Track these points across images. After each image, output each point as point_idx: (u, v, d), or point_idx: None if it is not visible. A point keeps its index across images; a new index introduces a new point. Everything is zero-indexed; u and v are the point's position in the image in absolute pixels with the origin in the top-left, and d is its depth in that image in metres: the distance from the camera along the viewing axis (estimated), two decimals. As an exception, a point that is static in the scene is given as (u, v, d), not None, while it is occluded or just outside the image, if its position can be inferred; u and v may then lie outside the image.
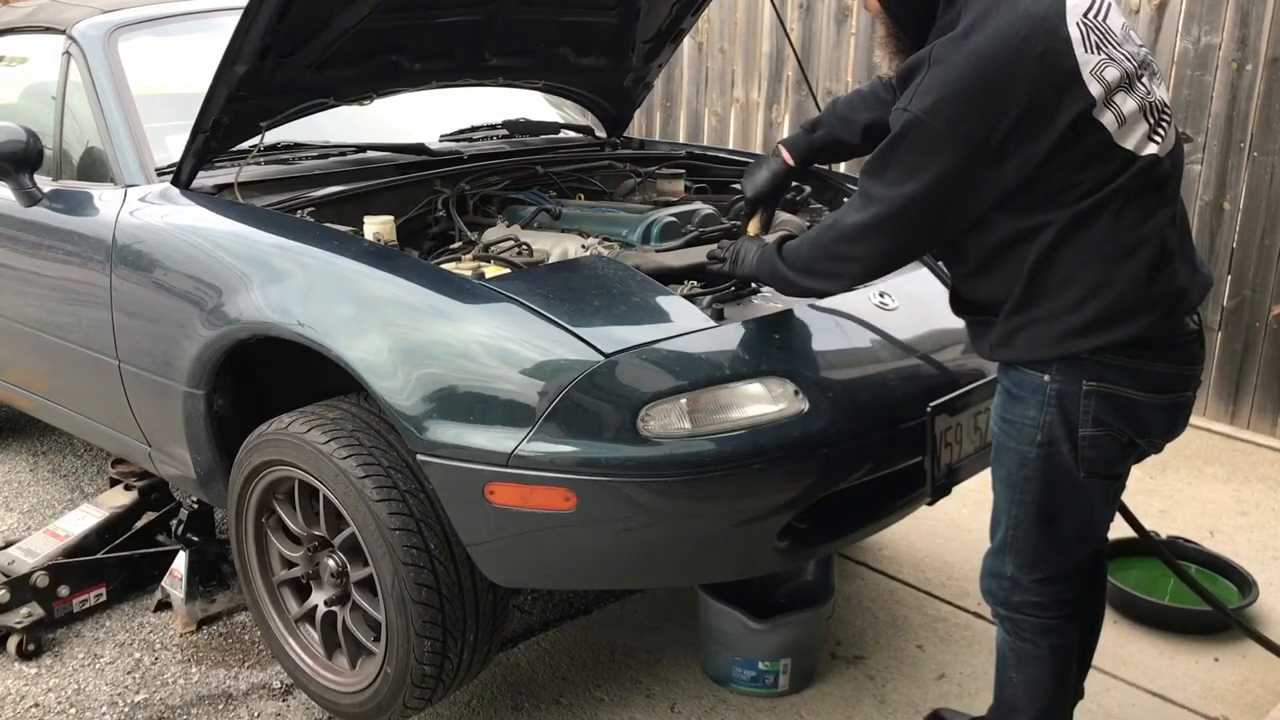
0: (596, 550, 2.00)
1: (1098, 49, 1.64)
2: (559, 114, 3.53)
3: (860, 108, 2.20)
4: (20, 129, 2.74)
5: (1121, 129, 1.64)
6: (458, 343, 1.98)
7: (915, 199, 1.68)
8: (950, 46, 1.64)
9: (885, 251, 1.81)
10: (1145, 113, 1.67)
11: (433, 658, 2.09)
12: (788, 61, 5.02)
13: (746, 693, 2.46)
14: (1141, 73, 1.68)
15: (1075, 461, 1.76)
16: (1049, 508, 1.82)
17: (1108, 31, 1.67)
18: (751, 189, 2.29)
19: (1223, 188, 3.91)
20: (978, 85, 1.61)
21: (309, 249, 2.23)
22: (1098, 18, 1.67)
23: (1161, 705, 2.45)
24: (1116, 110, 1.64)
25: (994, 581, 1.94)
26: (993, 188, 1.66)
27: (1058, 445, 1.76)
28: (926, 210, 1.70)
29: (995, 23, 1.62)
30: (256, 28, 2.25)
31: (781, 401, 1.96)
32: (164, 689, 2.53)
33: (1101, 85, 1.62)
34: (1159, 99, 1.71)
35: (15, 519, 3.37)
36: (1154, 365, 1.73)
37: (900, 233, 1.75)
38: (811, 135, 2.26)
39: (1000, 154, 1.63)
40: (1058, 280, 1.69)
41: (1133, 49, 1.70)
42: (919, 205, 1.69)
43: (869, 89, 2.22)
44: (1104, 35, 1.66)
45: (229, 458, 2.39)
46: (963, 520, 3.24)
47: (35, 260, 2.88)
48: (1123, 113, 1.64)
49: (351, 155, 2.88)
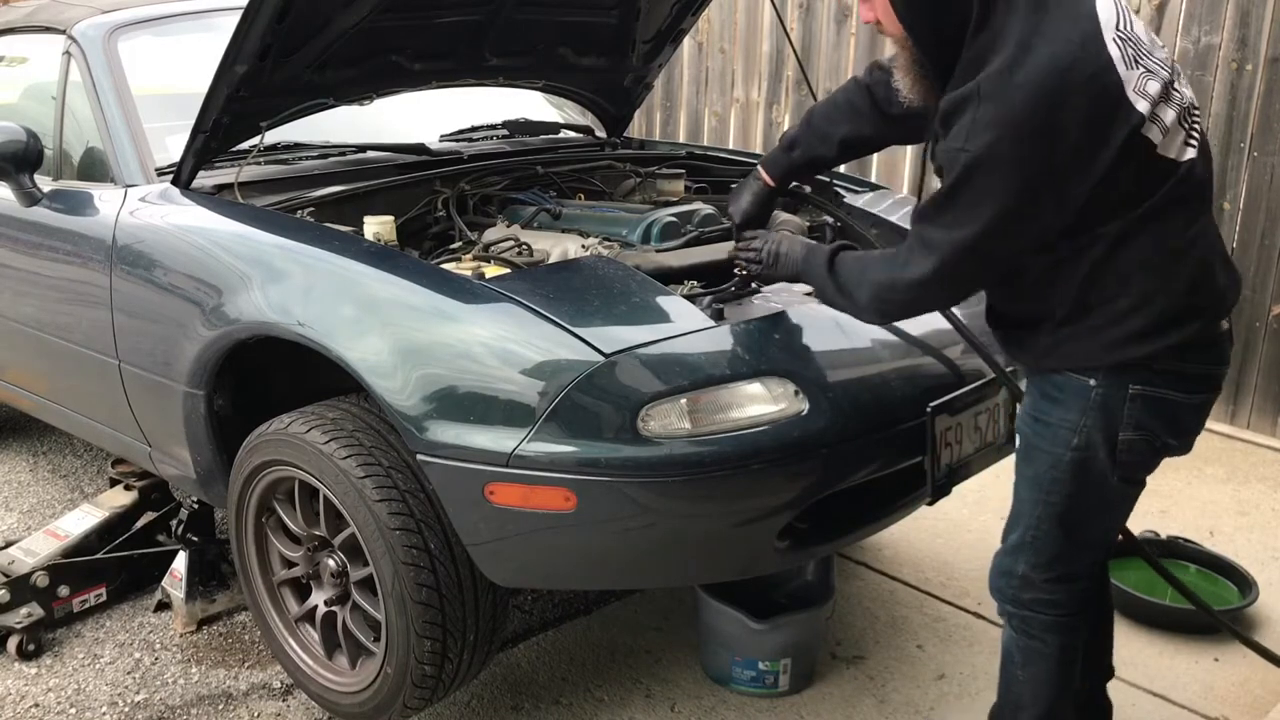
0: (596, 550, 2.00)
1: (1135, 63, 1.63)
2: (559, 114, 3.53)
3: (837, 120, 2.18)
4: (20, 129, 2.74)
5: (1165, 139, 1.64)
6: (458, 343, 1.98)
7: (979, 239, 1.66)
8: (999, 81, 1.60)
9: (949, 295, 1.84)
10: (1181, 118, 1.67)
11: (433, 658, 2.09)
12: (788, 61, 5.02)
13: (746, 693, 2.46)
14: (1174, 78, 1.68)
15: (1110, 466, 1.77)
16: (1075, 510, 1.83)
17: (1139, 42, 1.65)
18: (738, 214, 2.27)
19: (1223, 188, 3.91)
20: (1034, 118, 1.58)
21: (309, 249, 2.23)
22: (1128, 29, 1.65)
23: (1161, 705, 2.45)
24: (1160, 122, 1.63)
25: (1004, 579, 1.94)
26: (1055, 216, 1.64)
27: (1094, 449, 1.76)
28: (990, 248, 1.68)
29: (1041, 53, 1.59)
30: (256, 28, 2.25)
31: (781, 401, 1.96)
32: (164, 689, 2.53)
33: (1147, 100, 1.62)
34: (1189, 100, 1.71)
35: (15, 519, 3.37)
36: (1194, 366, 1.74)
37: (964, 275, 1.75)
38: (790, 154, 2.24)
39: (1060, 182, 1.61)
40: (1110, 290, 1.69)
41: (1162, 54, 1.69)
42: (983, 245, 1.67)
43: (844, 99, 2.19)
44: (1137, 47, 1.64)
45: (229, 458, 2.39)
46: (963, 520, 3.24)
47: (35, 260, 2.88)
48: (1165, 123, 1.64)
49: (351, 155, 2.88)
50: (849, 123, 2.16)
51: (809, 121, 2.23)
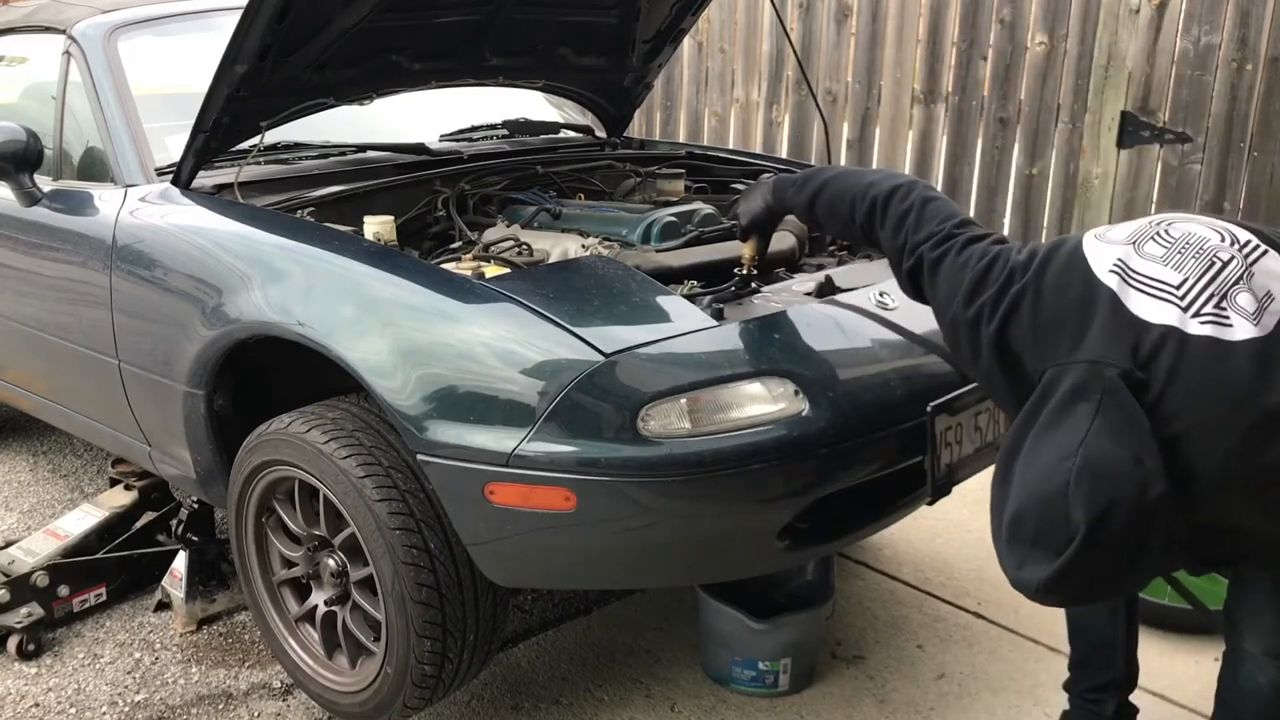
0: (597, 550, 2.00)
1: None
2: (559, 114, 3.53)
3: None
4: (20, 129, 2.74)
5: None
6: (458, 343, 1.98)
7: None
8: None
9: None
10: None
11: (433, 658, 2.09)
12: (788, 61, 5.02)
13: (746, 693, 2.46)
14: None
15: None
16: None
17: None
18: (747, 217, 2.25)
19: (1223, 188, 3.91)
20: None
21: (309, 249, 2.23)
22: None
23: (1161, 705, 2.44)
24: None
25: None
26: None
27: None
28: None
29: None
30: (256, 28, 2.25)
31: (781, 401, 1.96)
32: (164, 689, 2.53)
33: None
34: None
35: (15, 519, 3.37)
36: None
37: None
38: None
39: None
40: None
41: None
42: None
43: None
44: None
45: (229, 458, 2.39)
46: (963, 520, 3.24)
47: (35, 260, 2.88)
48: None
49: (351, 155, 2.88)
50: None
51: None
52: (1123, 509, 1.46)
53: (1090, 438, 1.48)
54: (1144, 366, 1.53)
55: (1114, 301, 1.58)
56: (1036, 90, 4.21)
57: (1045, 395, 1.58)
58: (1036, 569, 1.52)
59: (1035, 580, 1.53)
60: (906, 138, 4.65)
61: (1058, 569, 1.50)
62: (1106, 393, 1.51)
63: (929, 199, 1.90)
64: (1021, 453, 1.58)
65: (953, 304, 1.76)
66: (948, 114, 4.48)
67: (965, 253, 1.78)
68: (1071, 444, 1.49)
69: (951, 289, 1.77)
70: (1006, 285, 1.69)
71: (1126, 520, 1.47)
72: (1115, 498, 1.46)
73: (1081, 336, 1.58)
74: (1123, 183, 4.05)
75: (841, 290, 2.28)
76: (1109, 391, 1.51)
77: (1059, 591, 1.54)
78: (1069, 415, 1.53)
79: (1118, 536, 1.48)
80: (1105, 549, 1.48)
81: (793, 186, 2.14)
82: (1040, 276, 1.67)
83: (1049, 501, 1.50)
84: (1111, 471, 1.46)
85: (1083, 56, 4.07)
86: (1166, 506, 1.48)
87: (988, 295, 1.71)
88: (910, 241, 1.86)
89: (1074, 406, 1.53)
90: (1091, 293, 1.60)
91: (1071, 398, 1.54)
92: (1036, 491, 1.52)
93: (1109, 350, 1.54)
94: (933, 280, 1.82)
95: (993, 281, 1.71)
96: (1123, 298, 1.57)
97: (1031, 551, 1.53)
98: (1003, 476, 1.62)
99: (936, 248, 1.81)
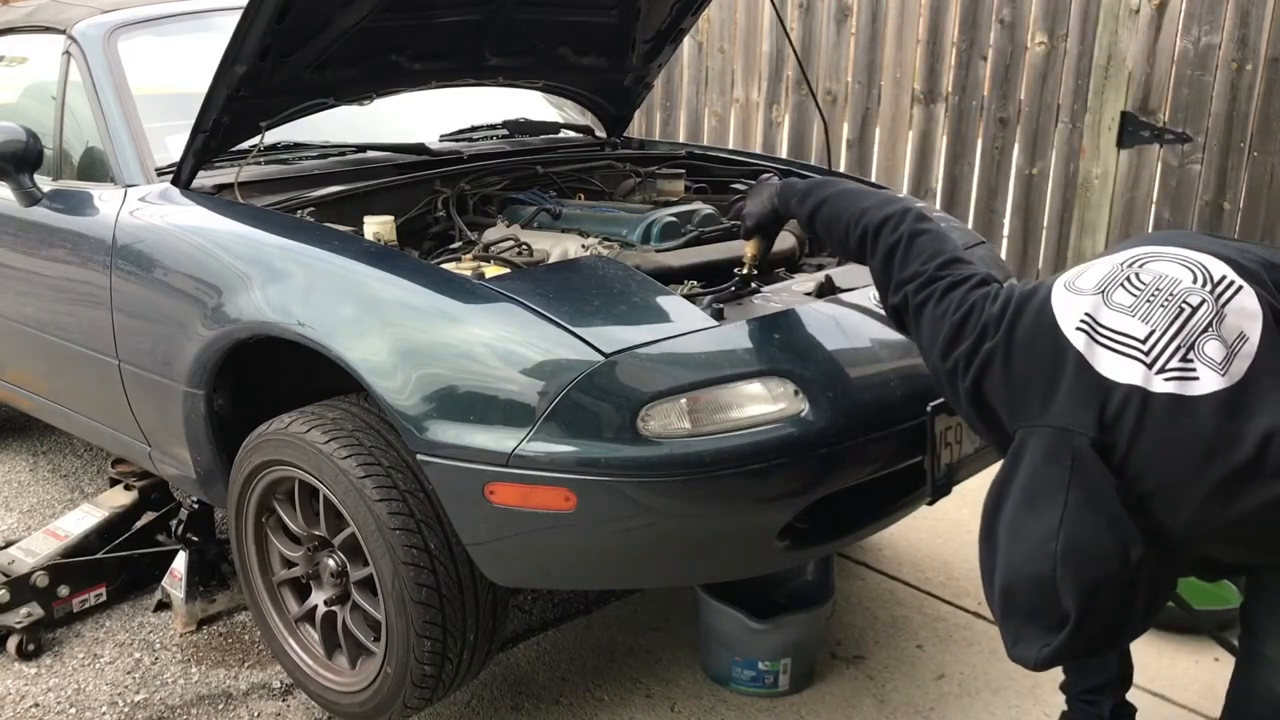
0: (597, 550, 2.00)
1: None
2: (559, 114, 3.53)
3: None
4: (20, 129, 2.74)
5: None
6: (458, 343, 1.98)
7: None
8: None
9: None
10: None
11: (433, 658, 2.09)
12: (788, 61, 5.02)
13: (746, 693, 2.46)
14: None
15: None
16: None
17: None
18: (753, 218, 2.25)
19: (1223, 188, 3.91)
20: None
21: (309, 249, 2.23)
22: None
23: (1161, 705, 2.44)
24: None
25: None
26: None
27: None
28: None
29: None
30: (256, 28, 2.25)
31: (781, 401, 1.96)
32: (164, 689, 2.53)
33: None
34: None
35: (15, 519, 3.37)
36: None
37: None
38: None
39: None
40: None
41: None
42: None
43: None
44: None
45: (229, 458, 2.39)
46: (963, 520, 3.23)
47: (35, 260, 2.88)
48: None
49: (351, 155, 2.88)
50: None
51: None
52: (1109, 583, 1.50)
53: (1069, 515, 1.51)
54: (1109, 428, 1.53)
55: (1080, 363, 1.58)
56: (1036, 90, 4.22)
57: (1017, 457, 1.60)
58: (1031, 647, 1.57)
59: (1033, 659, 1.57)
60: (906, 138, 4.65)
61: (1053, 651, 1.54)
62: (1077, 459, 1.52)
63: (917, 233, 1.90)
64: (1003, 517, 1.60)
65: (933, 352, 1.78)
66: (948, 114, 4.48)
67: (945, 301, 1.78)
68: (1052, 524, 1.51)
69: (932, 337, 1.78)
70: (979, 342, 1.70)
71: (1113, 592, 1.51)
72: (1100, 576, 1.49)
73: (1050, 398, 1.59)
74: (1123, 183, 4.05)
75: (841, 290, 2.28)
76: (1079, 458, 1.52)
77: (1057, 664, 1.60)
78: (1043, 482, 1.55)
79: (1107, 608, 1.51)
80: (1097, 619, 1.52)
81: (796, 196, 2.15)
82: (1010, 335, 1.67)
83: (1038, 584, 1.53)
84: (1093, 553, 1.50)
85: (1083, 56, 4.08)
86: (1149, 563, 1.51)
87: (962, 349, 1.72)
88: (895, 279, 1.87)
89: (1048, 470, 1.55)
90: (1059, 353, 1.60)
91: (1044, 461, 1.56)
92: (1024, 573, 1.55)
93: (1077, 416, 1.55)
94: (916, 324, 1.84)
95: (967, 334, 1.72)
96: (1089, 358, 1.57)
97: (1026, 628, 1.57)
98: (987, 535, 1.65)
99: (919, 291, 1.82)
